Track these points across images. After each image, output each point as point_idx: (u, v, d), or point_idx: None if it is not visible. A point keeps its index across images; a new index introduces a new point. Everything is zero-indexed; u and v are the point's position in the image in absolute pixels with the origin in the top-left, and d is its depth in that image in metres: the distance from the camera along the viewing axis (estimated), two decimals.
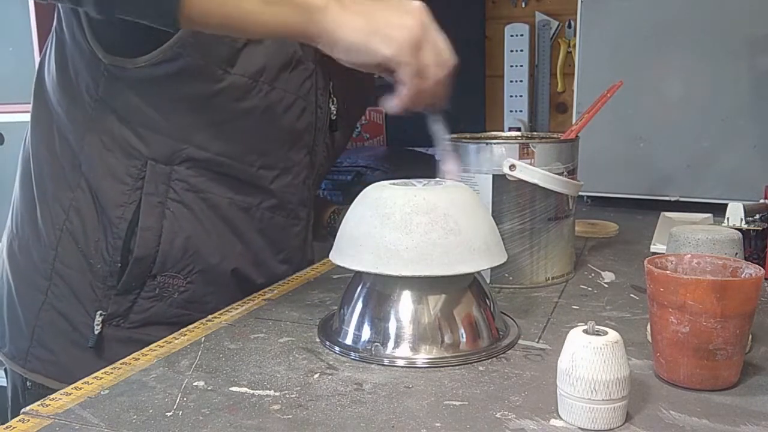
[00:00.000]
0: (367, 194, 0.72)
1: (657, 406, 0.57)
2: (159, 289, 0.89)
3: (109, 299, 0.88)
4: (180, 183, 0.88)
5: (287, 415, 0.56)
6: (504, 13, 1.85)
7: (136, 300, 0.89)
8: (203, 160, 0.88)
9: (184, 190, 0.88)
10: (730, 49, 1.35)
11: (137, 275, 0.88)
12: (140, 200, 0.86)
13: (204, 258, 0.90)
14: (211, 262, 0.91)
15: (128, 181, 0.87)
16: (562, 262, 0.92)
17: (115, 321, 0.88)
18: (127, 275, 0.87)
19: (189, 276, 0.90)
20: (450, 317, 0.69)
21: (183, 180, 0.88)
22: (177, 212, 0.88)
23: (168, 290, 0.89)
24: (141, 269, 0.87)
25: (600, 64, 1.45)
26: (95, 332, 0.87)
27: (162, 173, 0.87)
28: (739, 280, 0.60)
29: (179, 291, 0.90)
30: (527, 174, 0.86)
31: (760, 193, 1.13)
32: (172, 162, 0.87)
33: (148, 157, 0.86)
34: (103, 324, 0.88)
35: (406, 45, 0.71)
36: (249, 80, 0.87)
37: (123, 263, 0.87)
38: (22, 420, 0.56)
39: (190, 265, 0.90)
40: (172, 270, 0.89)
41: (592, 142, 1.15)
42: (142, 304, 0.89)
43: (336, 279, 0.95)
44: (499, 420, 0.55)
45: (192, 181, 0.88)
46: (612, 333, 0.54)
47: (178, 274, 0.89)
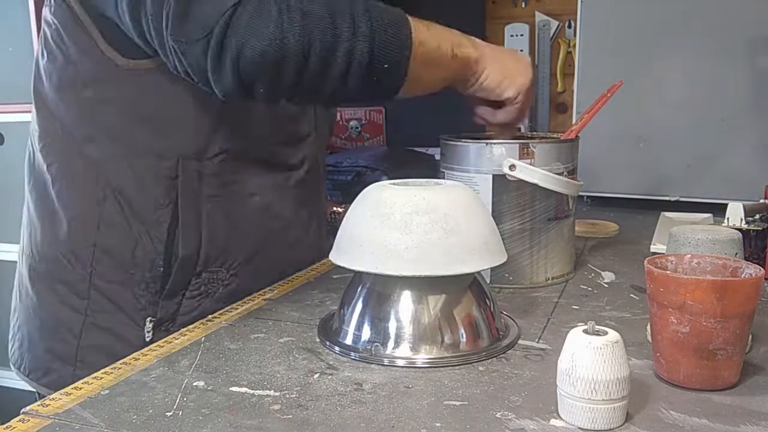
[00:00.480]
0: (367, 194, 0.72)
1: (657, 406, 0.57)
2: (204, 286, 0.89)
3: (156, 305, 0.87)
4: (212, 177, 0.88)
5: (287, 415, 0.56)
6: (504, 13, 1.85)
7: (182, 301, 0.89)
8: (231, 150, 0.88)
9: (216, 183, 0.88)
10: (730, 49, 1.35)
11: (184, 275, 0.88)
12: (176, 199, 0.86)
13: (245, 247, 0.91)
14: (252, 250, 0.92)
15: (162, 182, 0.86)
16: (562, 262, 0.92)
17: (164, 325, 0.88)
18: (174, 276, 0.87)
19: (232, 268, 0.91)
20: (450, 317, 0.69)
21: (215, 173, 0.88)
22: (214, 206, 0.88)
23: (213, 285, 0.90)
24: (187, 268, 0.88)
25: (600, 64, 1.45)
26: (146, 340, 0.86)
27: (194, 169, 0.87)
28: (739, 280, 0.60)
29: (224, 285, 0.90)
30: (527, 174, 0.86)
31: (760, 193, 1.13)
32: (202, 156, 0.87)
33: (179, 155, 0.86)
34: (154, 330, 0.87)
35: (525, 90, 0.90)
36: None
37: (165, 266, 0.87)
38: (22, 420, 0.56)
39: (232, 256, 0.90)
40: (216, 264, 0.90)
41: (592, 142, 1.16)
42: (188, 304, 0.89)
43: (336, 279, 0.95)
44: (499, 420, 0.55)
45: (223, 172, 0.89)
46: (612, 333, 0.54)
47: (221, 268, 0.90)
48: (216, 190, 0.89)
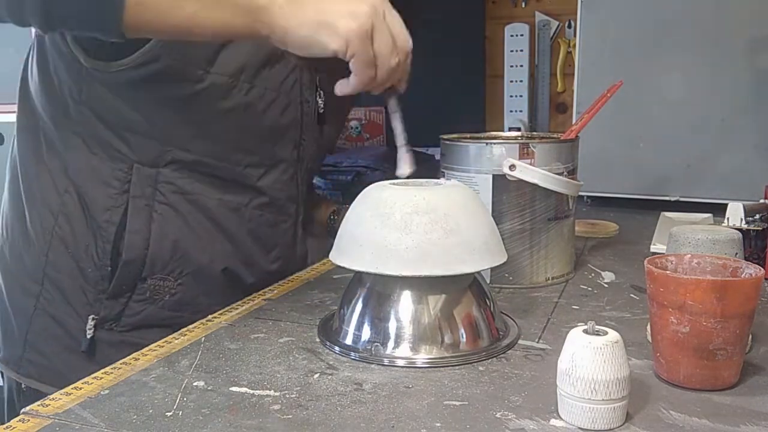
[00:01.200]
0: (367, 194, 0.72)
1: (657, 406, 0.57)
2: (150, 292, 0.89)
3: (100, 303, 0.88)
4: (167, 185, 0.88)
5: (287, 415, 0.56)
6: (504, 13, 1.85)
7: (128, 303, 0.89)
8: (188, 161, 0.88)
9: (171, 192, 0.88)
10: (730, 49, 1.35)
11: (127, 278, 0.88)
12: (127, 203, 0.87)
13: (194, 259, 0.90)
14: (201, 263, 0.91)
15: (115, 184, 0.87)
16: (562, 262, 0.92)
17: (107, 325, 0.88)
18: (117, 279, 0.87)
19: (179, 278, 0.90)
20: (450, 317, 0.69)
21: (169, 182, 0.88)
22: (165, 214, 0.88)
23: (159, 293, 0.89)
24: (131, 272, 0.87)
25: (600, 64, 1.45)
26: (88, 336, 0.87)
27: (148, 176, 0.87)
28: (739, 280, 0.60)
29: (170, 293, 0.90)
30: (527, 174, 0.86)
31: (760, 193, 1.12)
32: (157, 164, 0.87)
33: (134, 160, 0.87)
34: (96, 328, 0.88)
35: (355, 36, 0.69)
36: (229, 79, 0.86)
37: (113, 267, 0.87)
38: (22, 420, 0.56)
39: (180, 266, 0.90)
40: (162, 272, 0.89)
41: (592, 142, 1.15)
42: (133, 308, 0.89)
43: (336, 279, 0.95)
44: (499, 420, 0.55)
45: (179, 183, 0.88)
46: (612, 333, 0.54)
47: (168, 276, 0.89)
48: (169, 199, 0.88)
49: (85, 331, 0.87)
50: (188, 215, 0.89)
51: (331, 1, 0.71)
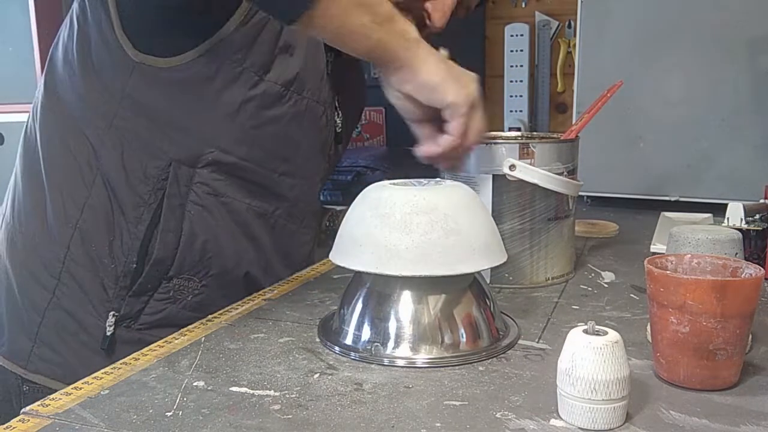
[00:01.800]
0: (367, 194, 0.72)
1: (657, 406, 0.57)
2: (174, 292, 0.88)
3: (122, 300, 0.87)
4: (202, 186, 0.87)
5: (287, 415, 0.56)
6: (504, 13, 1.85)
7: (149, 301, 0.88)
8: (227, 163, 0.87)
9: (205, 194, 0.87)
10: (730, 49, 1.35)
11: (154, 277, 0.87)
12: (161, 201, 0.85)
13: (220, 261, 0.90)
14: (227, 265, 0.91)
15: (150, 181, 0.85)
16: (562, 262, 0.92)
17: (126, 322, 0.87)
18: (144, 277, 0.86)
19: (204, 279, 0.90)
20: (450, 317, 0.69)
21: (205, 183, 0.87)
22: (197, 215, 0.87)
23: (182, 293, 0.89)
24: (159, 271, 0.87)
25: (600, 64, 1.45)
26: (107, 333, 0.86)
27: (185, 175, 0.86)
28: (739, 280, 0.60)
29: (193, 294, 0.89)
30: (527, 174, 0.86)
31: (760, 193, 1.12)
32: (195, 164, 0.86)
33: (173, 158, 0.85)
34: (116, 325, 0.86)
35: (470, 99, 0.77)
36: (282, 88, 0.87)
37: (139, 264, 0.86)
38: (22, 420, 0.56)
39: (207, 268, 0.89)
40: (189, 273, 0.88)
41: (592, 142, 1.16)
42: (154, 306, 0.88)
43: (336, 279, 0.95)
44: (499, 420, 0.55)
45: (213, 185, 0.87)
46: (612, 333, 0.54)
47: (193, 277, 0.89)
48: (202, 200, 0.87)
49: (105, 328, 0.86)
50: (219, 217, 0.89)
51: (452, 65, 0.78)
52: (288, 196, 0.95)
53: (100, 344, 0.86)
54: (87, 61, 0.86)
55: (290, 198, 0.95)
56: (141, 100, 0.84)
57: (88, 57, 0.86)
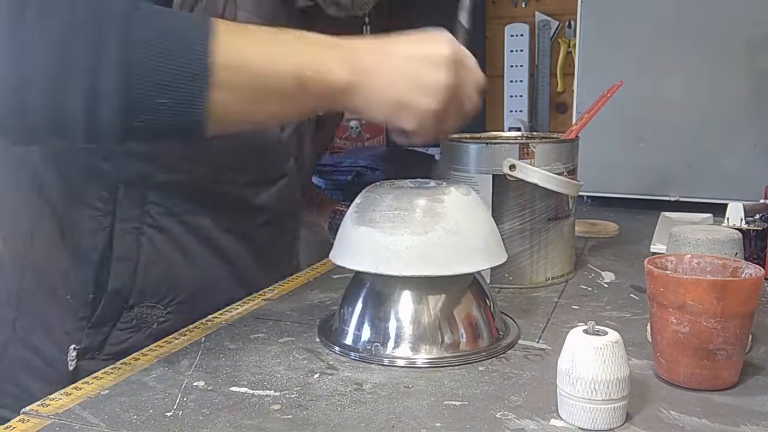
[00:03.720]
0: (366, 194, 0.72)
1: (657, 406, 0.57)
2: (137, 320, 0.82)
3: (82, 331, 0.81)
4: (156, 206, 0.81)
5: (287, 415, 0.56)
6: (504, 13, 1.85)
7: (111, 332, 0.82)
8: (176, 182, 0.81)
9: (161, 214, 0.81)
10: (730, 49, 1.35)
11: (113, 308, 0.81)
12: (112, 227, 0.80)
13: (186, 286, 0.84)
14: (195, 289, 0.85)
15: (97, 206, 0.79)
16: (562, 262, 0.92)
17: (89, 354, 0.82)
18: (101, 308, 0.81)
19: (170, 306, 0.84)
20: (450, 317, 0.69)
21: (159, 203, 0.81)
22: (154, 238, 0.81)
23: (146, 321, 0.83)
24: (117, 302, 0.81)
25: (600, 64, 1.45)
26: (70, 368, 0.81)
27: (135, 197, 0.80)
28: (739, 280, 0.60)
29: (158, 321, 0.83)
30: (527, 174, 0.86)
31: (760, 193, 1.13)
32: (144, 185, 0.80)
33: (119, 180, 0.79)
34: (78, 357, 0.81)
35: (431, 118, 0.68)
36: None
37: (96, 295, 0.81)
38: (22, 420, 0.56)
39: (172, 293, 0.84)
40: (152, 300, 0.83)
41: (592, 142, 1.15)
42: (118, 336, 0.82)
43: (336, 279, 0.95)
44: (499, 420, 0.55)
45: (169, 204, 0.81)
46: (612, 333, 0.54)
47: (157, 305, 0.83)
48: (158, 222, 0.81)
49: (67, 362, 0.81)
50: (181, 238, 0.83)
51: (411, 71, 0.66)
52: (258, 205, 0.88)
53: (64, 379, 0.79)
54: None
55: (261, 206, 0.89)
56: None
57: None
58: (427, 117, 0.67)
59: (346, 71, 0.64)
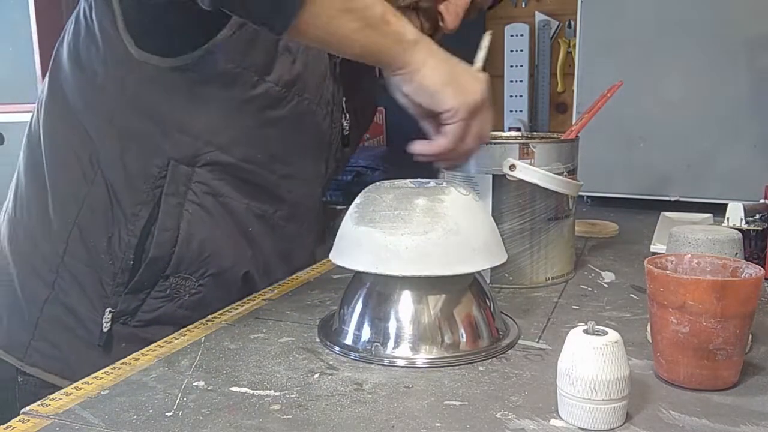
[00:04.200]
0: (366, 194, 0.72)
1: (657, 406, 0.57)
2: (170, 290, 0.88)
3: (118, 296, 0.86)
4: (200, 185, 0.87)
5: (287, 415, 0.56)
6: (504, 13, 1.85)
7: (146, 299, 0.87)
8: (226, 164, 0.87)
9: (203, 193, 0.87)
10: (730, 49, 1.35)
11: (151, 275, 0.86)
12: (159, 199, 0.85)
13: (218, 261, 0.89)
14: (224, 265, 0.90)
15: (149, 179, 0.85)
16: (562, 262, 0.92)
17: (122, 319, 0.87)
18: (140, 274, 0.86)
19: (201, 279, 0.89)
20: (450, 317, 0.69)
21: (203, 182, 0.87)
22: (195, 214, 0.87)
23: (179, 291, 0.88)
24: (155, 269, 0.86)
25: (600, 64, 1.45)
26: (104, 330, 0.86)
27: (183, 174, 0.86)
28: (739, 280, 0.60)
29: (190, 293, 0.89)
30: (527, 174, 0.86)
31: (760, 193, 1.13)
32: (194, 164, 0.86)
33: (171, 157, 0.85)
34: (112, 321, 0.86)
35: (470, 104, 0.76)
36: (282, 89, 0.87)
37: (136, 261, 0.86)
38: (22, 420, 0.56)
39: (204, 267, 0.89)
40: (186, 272, 0.88)
41: (592, 142, 1.16)
42: (151, 304, 0.88)
43: (336, 279, 0.95)
44: (499, 420, 0.55)
45: (212, 184, 0.87)
46: (612, 333, 0.54)
47: (191, 276, 0.88)
48: (200, 199, 0.87)
49: (101, 324, 0.86)
50: (217, 217, 0.88)
51: (460, 68, 0.78)
52: (287, 199, 0.95)
53: (97, 340, 0.86)
54: (90, 58, 0.86)
55: (289, 200, 0.95)
56: (141, 99, 0.84)
57: (91, 54, 0.86)
58: (469, 103, 0.76)
59: (414, 33, 0.75)
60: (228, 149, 0.87)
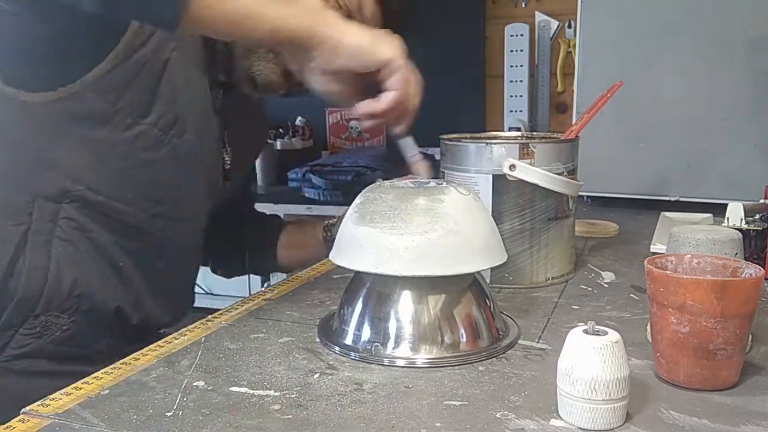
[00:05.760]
0: (366, 194, 0.72)
1: (657, 406, 0.57)
2: (40, 327, 0.84)
3: None
4: (67, 221, 0.83)
5: (287, 415, 0.56)
6: (504, 13, 1.85)
7: (14, 336, 0.83)
8: (94, 201, 0.83)
9: (71, 228, 0.83)
10: (730, 49, 1.35)
11: (18, 314, 0.83)
12: (22, 237, 0.81)
13: (89, 298, 0.86)
14: (96, 301, 0.87)
15: (13, 216, 0.81)
16: (562, 262, 0.92)
17: None
18: (8, 315, 0.82)
19: (73, 315, 0.85)
20: (450, 317, 0.69)
21: (70, 218, 0.83)
22: (63, 250, 0.83)
23: (50, 329, 0.85)
24: (24, 308, 0.83)
25: (600, 64, 1.45)
26: None
27: (50, 211, 0.82)
28: (739, 280, 0.60)
29: (62, 329, 0.85)
30: (527, 174, 0.86)
31: (760, 193, 1.12)
32: (61, 200, 0.82)
33: (38, 194, 0.81)
34: None
35: (404, 54, 0.74)
36: (159, 132, 0.83)
37: (2, 301, 0.82)
38: (22, 420, 0.56)
39: (76, 304, 0.85)
40: (57, 310, 0.84)
41: (592, 142, 1.16)
42: (20, 340, 0.84)
43: (336, 279, 0.95)
44: (499, 420, 0.55)
45: (80, 220, 0.83)
46: (612, 333, 0.54)
47: (62, 314, 0.85)
48: (68, 235, 0.83)
49: None
50: (86, 253, 0.85)
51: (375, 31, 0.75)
52: (159, 237, 0.90)
53: None
54: None
55: (161, 238, 0.91)
56: (5, 132, 0.81)
57: None
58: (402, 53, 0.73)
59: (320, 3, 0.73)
60: (97, 188, 0.83)
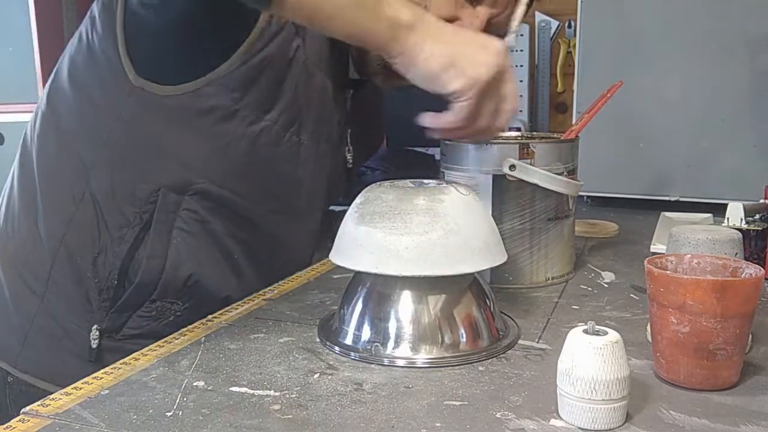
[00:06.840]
0: (366, 194, 0.72)
1: (657, 406, 0.57)
2: (156, 312, 0.88)
3: (104, 314, 0.86)
4: (189, 213, 0.86)
5: (287, 415, 0.56)
6: None
7: (131, 317, 0.87)
8: (215, 194, 0.86)
9: (192, 220, 0.86)
10: (730, 49, 1.35)
11: (137, 298, 0.86)
12: (146, 224, 0.85)
13: (204, 287, 0.89)
14: (210, 290, 0.90)
15: (137, 203, 0.84)
16: (562, 262, 0.92)
17: (108, 334, 0.87)
18: (127, 297, 0.86)
19: (187, 302, 0.89)
20: (450, 317, 0.69)
21: (192, 210, 0.86)
22: (183, 241, 0.86)
23: (165, 313, 0.88)
24: (142, 293, 0.86)
25: (600, 64, 1.45)
26: (92, 347, 0.86)
27: (172, 202, 0.85)
28: (739, 280, 0.60)
29: (175, 315, 0.88)
30: (527, 174, 0.86)
31: (760, 193, 1.12)
32: (184, 192, 0.85)
33: (162, 184, 0.84)
34: (100, 338, 0.86)
35: (477, 84, 0.72)
36: (280, 129, 0.86)
37: (120, 282, 0.86)
38: (22, 420, 0.56)
39: (190, 292, 0.88)
40: (173, 297, 0.88)
41: (592, 142, 1.16)
42: (136, 321, 0.87)
43: (336, 279, 0.95)
44: (499, 420, 0.55)
45: (200, 212, 0.87)
46: (612, 333, 0.54)
47: (177, 301, 0.88)
48: (189, 226, 0.86)
49: (89, 339, 0.86)
50: (204, 244, 0.88)
51: (465, 45, 0.73)
52: (274, 232, 0.94)
53: (87, 355, 0.86)
54: (88, 78, 0.86)
55: (277, 234, 0.94)
56: (136, 125, 0.84)
57: (89, 75, 0.86)
58: (475, 82, 0.71)
59: (409, 14, 0.71)
60: (219, 182, 0.86)
